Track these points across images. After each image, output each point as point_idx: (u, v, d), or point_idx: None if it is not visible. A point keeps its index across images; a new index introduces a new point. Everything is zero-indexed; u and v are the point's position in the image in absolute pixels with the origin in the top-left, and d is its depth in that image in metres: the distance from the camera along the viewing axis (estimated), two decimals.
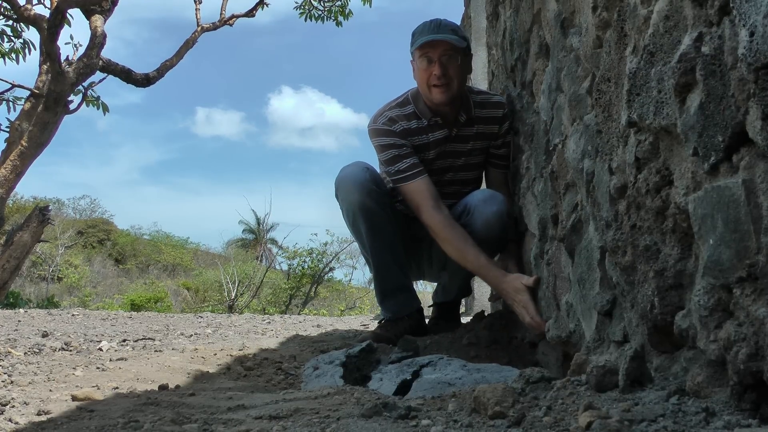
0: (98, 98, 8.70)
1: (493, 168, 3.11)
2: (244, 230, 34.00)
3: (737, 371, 0.92)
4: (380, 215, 2.91)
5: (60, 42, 6.50)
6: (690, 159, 1.07)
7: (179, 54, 8.85)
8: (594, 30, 1.58)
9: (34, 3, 7.45)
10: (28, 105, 7.53)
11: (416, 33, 2.87)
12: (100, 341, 3.34)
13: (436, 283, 3.49)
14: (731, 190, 0.92)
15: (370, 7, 9.64)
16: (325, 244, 19.36)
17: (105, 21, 7.17)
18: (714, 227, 0.98)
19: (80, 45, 8.27)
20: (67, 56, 7.06)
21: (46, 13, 6.67)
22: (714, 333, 1.00)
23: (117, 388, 2.07)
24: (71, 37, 8.57)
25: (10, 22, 8.48)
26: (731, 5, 0.91)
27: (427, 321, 3.24)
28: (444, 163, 3.03)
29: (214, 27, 9.48)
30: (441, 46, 2.80)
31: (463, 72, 2.91)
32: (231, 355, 2.77)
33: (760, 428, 0.87)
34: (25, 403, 1.79)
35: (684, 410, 1.00)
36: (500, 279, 2.59)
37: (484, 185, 3.25)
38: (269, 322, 5.77)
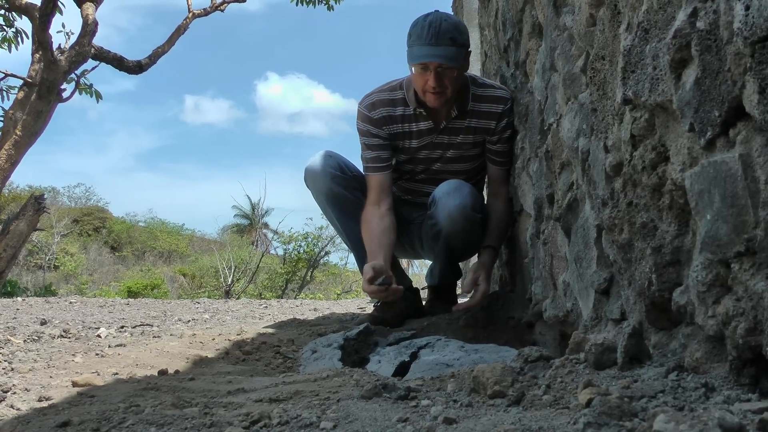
0: (91, 86, 8.67)
1: (490, 164, 3.02)
2: (236, 215, 34.07)
3: (736, 346, 0.92)
4: (348, 199, 2.95)
5: (52, 30, 6.46)
6: (686, 135, 1.07)
7: (171, 40, 8.80)
8: (587, 8, 1.57)
9: None
10: (21, 94, 7.48)
11: (413, 36, 2.73)
12: (99, 328, 3.34)
13: (431, 262, 3.48)
14: (728, 165, 0.92)
15: None
16: (321, 228, 19.35)
17: (96, 8, 7.12)
18: (711, 202, 0.98)
19: (72, 33, 8.23)
20: (59, 44, 7.00)
21: (38, 1, 6.61)
22: (712, 308, 1.00)
23: (117, 373, 2.07)
24: (63, 26, 8.57)
25: (2, 12, 8.41)
26: None
27: (423, 303, 3.24)
28: (431, 153, 3.01)
29: (206, 13, 9.42)
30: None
31: (460, 75, 2.82)
32: (229, 340, 2.77)
33: (759, 402, 0.87)
34: (26, 389, 1.79)
35: (683, 386, 1.01)
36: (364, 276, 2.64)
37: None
38: (266, 307, 5.77)
